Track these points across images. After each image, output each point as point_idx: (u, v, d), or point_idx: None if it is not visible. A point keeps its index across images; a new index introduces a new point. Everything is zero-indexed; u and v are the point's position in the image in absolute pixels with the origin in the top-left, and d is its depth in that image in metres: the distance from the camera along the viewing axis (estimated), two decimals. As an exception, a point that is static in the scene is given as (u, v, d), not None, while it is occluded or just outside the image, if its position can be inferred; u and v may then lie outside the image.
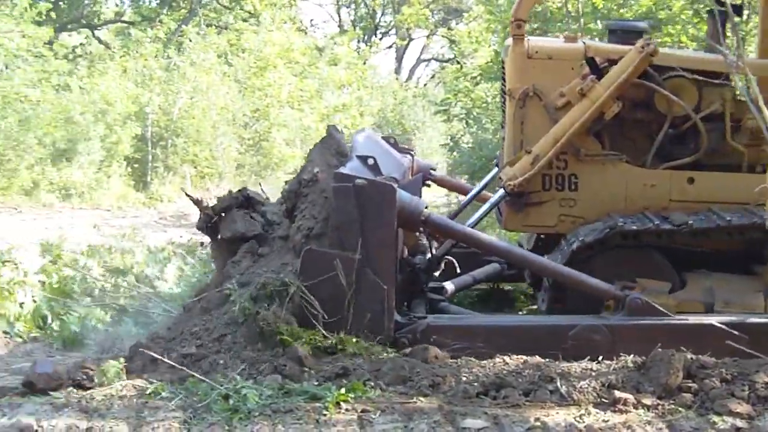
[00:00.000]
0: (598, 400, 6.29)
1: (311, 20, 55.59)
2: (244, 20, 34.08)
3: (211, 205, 8.62)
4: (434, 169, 11.16)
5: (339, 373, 6.70)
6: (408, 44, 49.45)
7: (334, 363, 6.86)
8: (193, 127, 25.46)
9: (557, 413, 6.05)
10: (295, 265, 7.44)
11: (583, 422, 5.93)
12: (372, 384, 6.55)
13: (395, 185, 7.46)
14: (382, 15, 49.18)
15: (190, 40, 29.38)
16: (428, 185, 10.94)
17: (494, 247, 8.49)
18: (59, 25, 32.18)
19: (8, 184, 21.19)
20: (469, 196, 10.44)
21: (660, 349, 6.80)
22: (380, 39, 48.43)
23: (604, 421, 5.97)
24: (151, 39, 30.58)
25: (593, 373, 6.72)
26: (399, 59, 49.68)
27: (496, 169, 10.28)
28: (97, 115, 23.86)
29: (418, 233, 8.76)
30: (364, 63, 38.73)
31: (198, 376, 6.62)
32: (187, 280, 11.51)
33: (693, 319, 7.77)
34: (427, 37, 49.36)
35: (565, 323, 7.66)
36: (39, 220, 18.74)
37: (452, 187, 12.04)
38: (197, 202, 8.68)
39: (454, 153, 24.12)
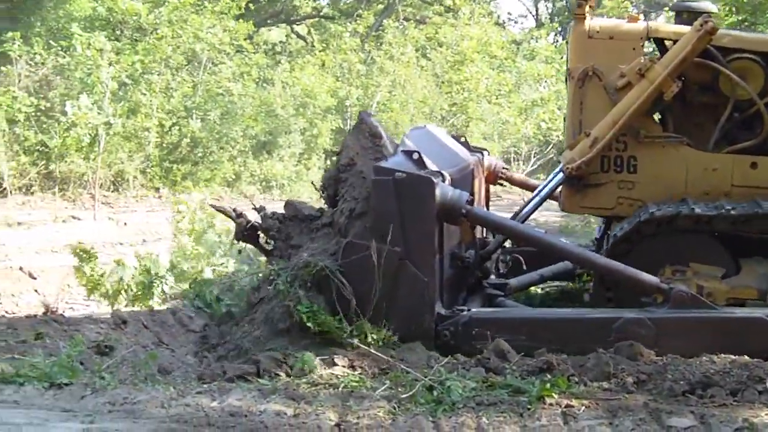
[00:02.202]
0: (809, 400, 6.04)
1: (509, 14, 55.36)
2: (440, 15, 34.08)
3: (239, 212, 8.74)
4: (507, 168, 11.18)
5: (542, 368, 6.70)
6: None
7: (537, 357, 6.80)
8: (391, 121, 25.56)
9: (766, 414, 5.79)
10: (336, 250, 7.50)
11: (794, 424, 5.67)
12: (576, 379, 6.51)
13: (436, 179, 7.44)
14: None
15: (386, 34, 29.53)
16: (501, 184, 11.21)
17: (535, 240, 8.46)
18: (259, 20, 32.76)
19: (212, 176, 21.68)
20: (535, 192, 10.10)
21: None
22: (578, 32, 47.73)
23: (816, 422, 5.70)
24: (351, 33, 30.88)
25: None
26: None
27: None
28: (298, 109, 24.23)
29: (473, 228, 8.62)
30: (563, 57, 38.30)
31: (403, 366, 6.63)
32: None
33: (740, 312, 7.59)
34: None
35: (609, 316, 7.60)
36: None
37: (525, 186, 11.81)
38: (226, 213, 8.74)
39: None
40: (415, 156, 7.85)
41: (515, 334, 7.41)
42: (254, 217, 8.66)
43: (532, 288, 10.16)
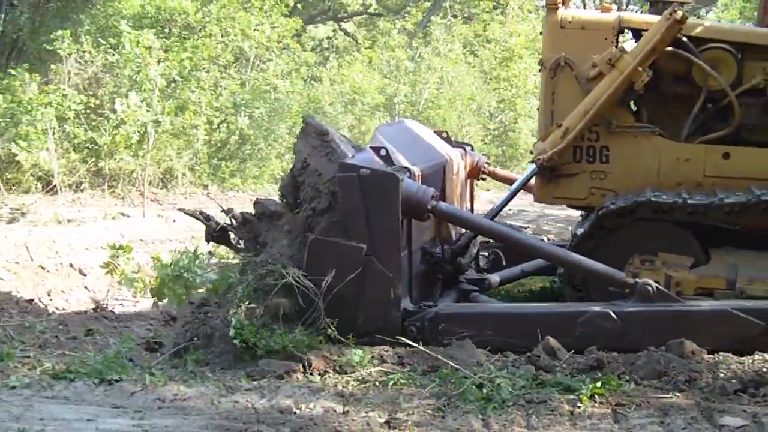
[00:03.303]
0: None
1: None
2: (488, 11, 33.99)
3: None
4: (488, 163, 11.27)
5: (593, 366, 6.69)
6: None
7: (588, 355, 6.78)
8: (439, 117, 25.54)
9: (819, 413, 5.73)
10: (296, 252, 7.49)
11: None
12: (626, 377, 6.49)
13: (401, 175, 7.41)
14: (627, 4, 48.32)
15: (433, 30, 29.50)
16: (483, 178, 11.24)
17: (499, 235, 8.42)
18: (307, 17, 32.84)
19: (260, 173, 21.73)
20: (513, 187, 10.19)
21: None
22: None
23: None
24: (399, 30, 30.87)
25: None
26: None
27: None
28: (346, 106, 24.25)
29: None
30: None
31: (452, 364, 6.62)
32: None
33: (707, 305, 7.52)
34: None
35: (574, 310, 7.57)
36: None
37: (505, 180, 11.78)
38: (195, 216, 8.70)
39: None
40: (383, 152, 7.83)
41: (481, 329, 7.45)
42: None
43: (515, 285, 10.18)
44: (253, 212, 8.15)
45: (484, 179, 11.35)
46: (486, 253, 9.90)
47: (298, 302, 7.20)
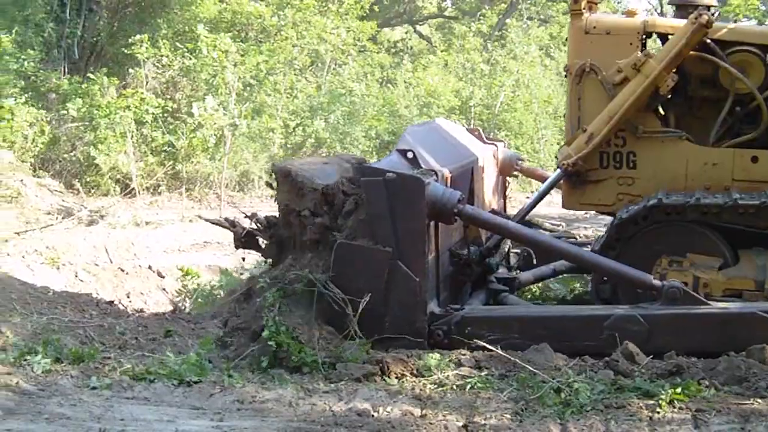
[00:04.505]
0: None
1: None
2: (564, 13, 33.82)
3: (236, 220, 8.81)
4: (521, 160, 11.43)
5: (672, 371, 6.63)
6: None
7: (667, 360, 6.72)
8: (515, 120, 25.43)
9: None
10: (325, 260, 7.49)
11: None
12: (707, 383, 6.40)
13: (427, 178, 7.41)
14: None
15: (509, 33, 29.39)
16: (515, 175, 11.55)
17: (525, 238, 8.33)
18: (382, 21, 32.89)
19: (336, 176, 21.73)
20: (541, 188, 9.98)
21: None
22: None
23: None
24: (474, 33, 30.81)
25: None
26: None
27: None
28: (421, 109, 24.24)
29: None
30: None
31: (530, 368, 6.58)
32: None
33: (734, 308, 7.42)
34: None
35: (601, 313, 7.55)
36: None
37: (539, 177, 11.69)
38: (221, 224, 8.76)
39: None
40: (410, 155, 7.89)
41: (507, 332, 7.45)
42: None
43: (546, 285, 10.29)
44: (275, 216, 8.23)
45: (516, 176, 11.62)
46: (518, 251, 10.06)
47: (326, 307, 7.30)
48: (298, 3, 22.93)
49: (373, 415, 5.83)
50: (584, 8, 9.00)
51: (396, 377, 6.70)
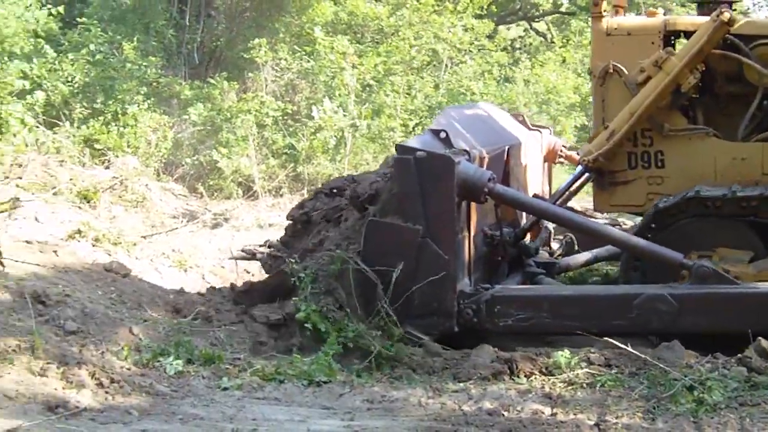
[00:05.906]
0: None
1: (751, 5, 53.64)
2: (683, 5, 33.32)
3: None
4: (566, 146, 11.56)
5: (808, 367, 6.43)
6: None
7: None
8: (633, 116, 25.14)
9: None
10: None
11: None
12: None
13: (457, 158, 7.43)
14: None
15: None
16: (561, 162, 11.59)
17: (558, 217, 8.44)
18: (498, 18, 32.76)
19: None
20: (571, 176, 9.91)
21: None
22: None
23: None
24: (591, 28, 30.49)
25: None
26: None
27: None
28: (541, 106, 24.11)
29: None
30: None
31: (661, 365, 6.51)
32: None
33: (764, 288, 7.33)
34: None
35: (630, 293, 7.60)
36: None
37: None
38: (245, 258, 9.79)
39: None
40: (442, 135, 7.93)
41: (537, 311, 7.50)
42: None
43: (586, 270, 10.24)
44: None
45: (561, 163, 11.70)
46: (561, 237, 10.12)
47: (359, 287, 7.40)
48: (415, 3, 22.95)
49: (503, 414, 5.82)
50: (605, 11, 9.01)
51: (525, 375, 6.70)
